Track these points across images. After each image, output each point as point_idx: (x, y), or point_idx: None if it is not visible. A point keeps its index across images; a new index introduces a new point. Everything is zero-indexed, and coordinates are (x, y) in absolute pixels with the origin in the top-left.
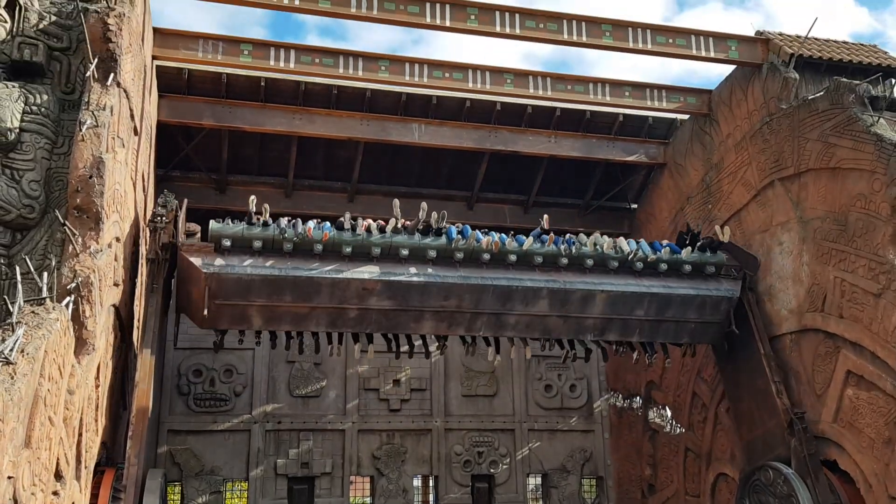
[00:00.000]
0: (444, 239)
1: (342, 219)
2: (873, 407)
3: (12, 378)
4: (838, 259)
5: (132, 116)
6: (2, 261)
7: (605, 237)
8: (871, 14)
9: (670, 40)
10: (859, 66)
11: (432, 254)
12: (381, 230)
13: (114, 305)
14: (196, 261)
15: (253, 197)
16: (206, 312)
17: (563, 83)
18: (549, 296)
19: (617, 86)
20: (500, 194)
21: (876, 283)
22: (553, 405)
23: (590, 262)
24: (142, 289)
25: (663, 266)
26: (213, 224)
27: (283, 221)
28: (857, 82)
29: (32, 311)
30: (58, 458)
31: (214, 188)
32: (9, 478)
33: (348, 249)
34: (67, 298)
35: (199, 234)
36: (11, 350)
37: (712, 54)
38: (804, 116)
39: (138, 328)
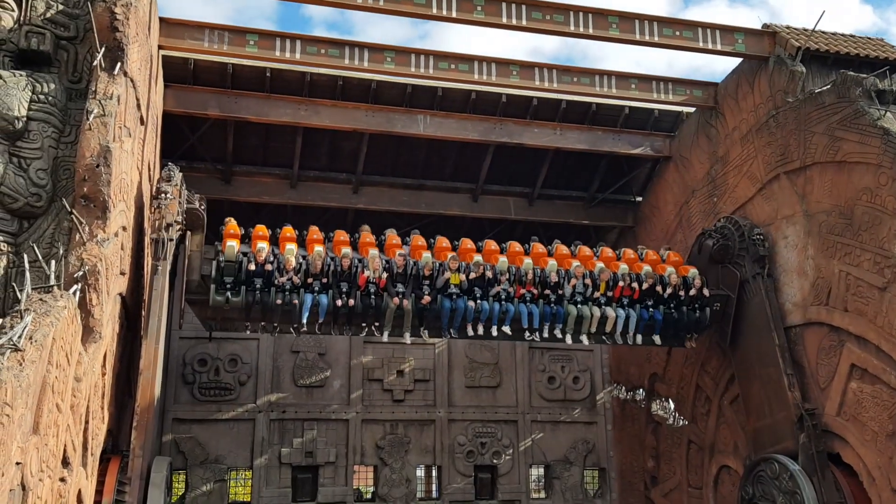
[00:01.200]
0: (435, 311)
1: (343, 263)
2: (877, 400)
3: (21, 365)
4: (843, 253)
5: (138, 106)
6: (9, 249)
7: (596, 311)
8: (875, 11)
9: (677, 33)
10: (866, 60)
11: (408, 339)
12: (375, 306)
13: (120, 294)
14: (198, 313)
15: (262, 246)
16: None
17: (569, 75)
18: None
19: (623, 78)
20: (504, 186)
21: (881, 276)
22: (556, 397)
23: (569, 340)
24: (147, 276)
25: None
26: (213, 295)
27: (284, 279)
28: (864, 76)
29: (40, 299)
30: (65, 445)
31: (220, 178)
32: (17, 463)
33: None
34: (74, 286)
35: (204, 206)
36: (20, 337)
37: (719, 47)
38: (810, 110)
39: (144, 316)
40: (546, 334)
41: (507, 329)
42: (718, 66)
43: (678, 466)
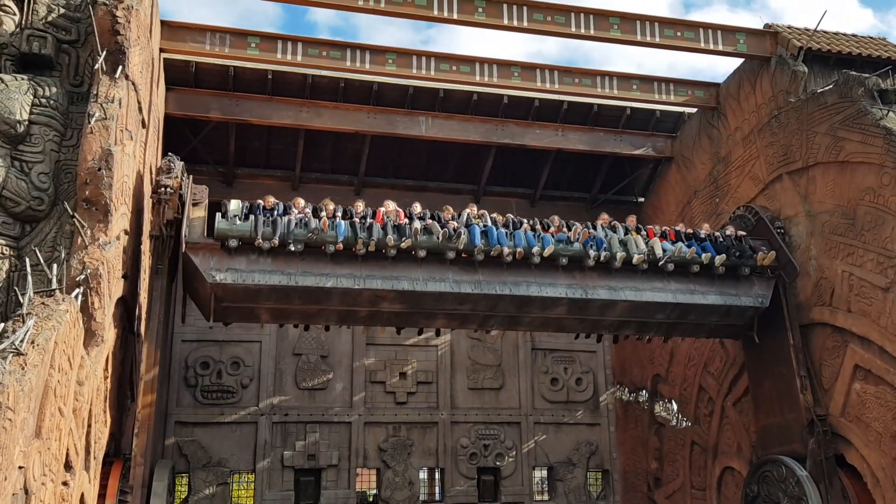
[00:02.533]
0: (465, 238)
1: (356, 207)
2: (881, 401)
3: (23, 369)
4: (846, 253)
5: (140, 109)
6: (12, 252)
7: (639, 237)
8: (875, 15)
9: (678, 33)
10: (868, 60)
11: (451, 255)
12: (398, 228)
13: (122, 297)
14: (201, 264)
15: (269, 196)
16: (212, 313)
17: (571, 76)
18: (568, 304)
19: (624, 79)
20: (506, 188)
21: (884, 277)
22: (559, 398)
23: (617, 264)
24: (147, 276)
25: (696, 268)
26: (219, 223)
27: (295, 214)
28: (867, 75)
29: (42, 303)
30: (67, 449)
31: (222, 181)
32: (20, 467)
33: (362, 251)
34: (77, 290)
35: (206, 202)
36: (22, 341)
37: (720, 47)
38: (813, 110)
39: (144, 319)
40: (593, 257)
41: (550, 248)
42: (720, 70)
43: (681, 468)
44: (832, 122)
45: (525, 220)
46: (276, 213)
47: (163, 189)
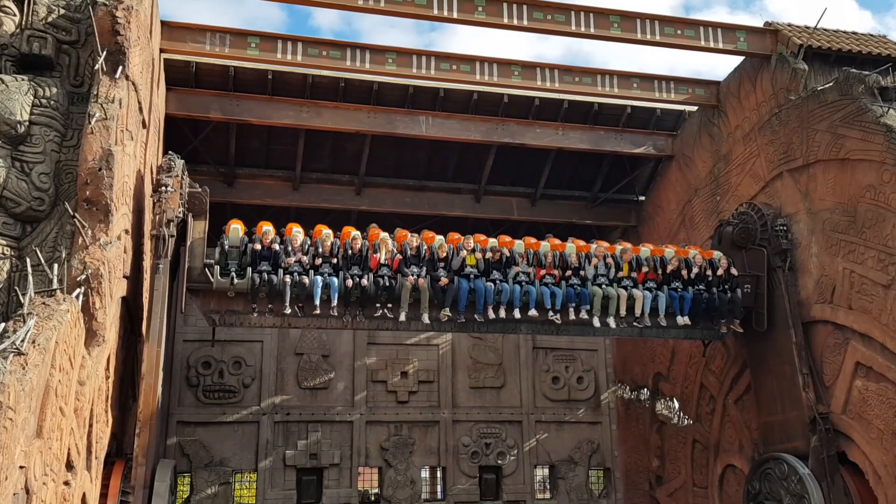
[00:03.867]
0: (452, 294)
1: (354, 245)
2: (882, 398)
3: (24, 368)
4: (847, 250)
5: (140, 109)
6: (13, 253)
7: (622, 292)
8: (874, 17)
9: (679, 31)
10: (868, 57)
11: (437, 318)
12: (388, 289)
13: (123, 297)
14: (201, 306)
15: (267, 229)
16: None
17: (571, 75)
18: (555, 331)
19: (625, 77)
20: (507, 187)
21: (885, 274)
22: (560, 397)
23: (597, 323)
24: (148, 276)
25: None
26: (216, 281)
27: (292, 261)
28: (867, 73)
29: (43, 303)
30: (69, 449)
31: (222, 181)
32: (21, 467)
33: (350, 319)
34: (77, 290)
35: (207, 208)
36: (23, 341)
37: (721, 45)
38: (813, 107)
39: (146, 318)
40: (572, 316)
41: (534, 312)
42: (720, 72)
43: (683, 466)
44: (832, 119)
45: (519, 257)
46: (272, 253)
47: (163, 188)
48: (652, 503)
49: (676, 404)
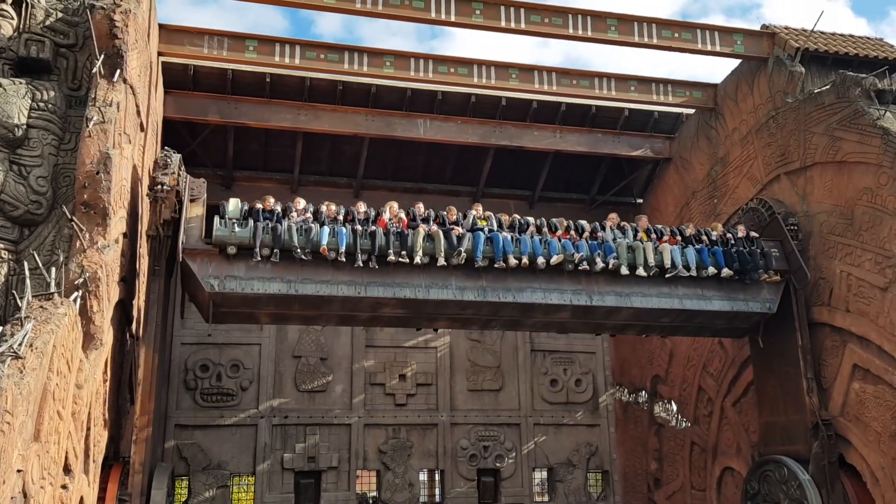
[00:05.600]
0: (468, 243)
1: (357, 209)
2: (880, 401)
3: (21, 372)
4: (844, 253)
5: (138, 112)
6: (10, 256)
7: (649, 244)
8: (869, 24)
9: (676, 34)
10: (865, 60)
11: (455, 261)
12: (400, 235)
13: (120, 300)
14: (199, 271)
15: (268, 196)
16: (210, 317)
17: (569, 78)
18: (572, 309)
19: (622, 80)
20: (505, 189)
21: (882, 277)
22: (558, 399)
23: (625, 271)
24: (145, 279)
25: (704, 273)
26: (217, 229)
27: (295, 218)
28: (864, 76)
29: (41, 306)
30: (66, 452)
31: (220, 184)
32: (18, 471)
33: (361, 261)
34: (75, 293)
35: (204, 197)
36: (20, 344)
37: (718, 48)
38: (810, 110)
39: (143, 321)
40: (601, 263)
41: (556, 258)
42: (718, 74)
43: (681, 468)
44: (829, 122)
45: (532, 221)
46: (275, 215)
47: (159, 186)
48: None
49: (674, 407)
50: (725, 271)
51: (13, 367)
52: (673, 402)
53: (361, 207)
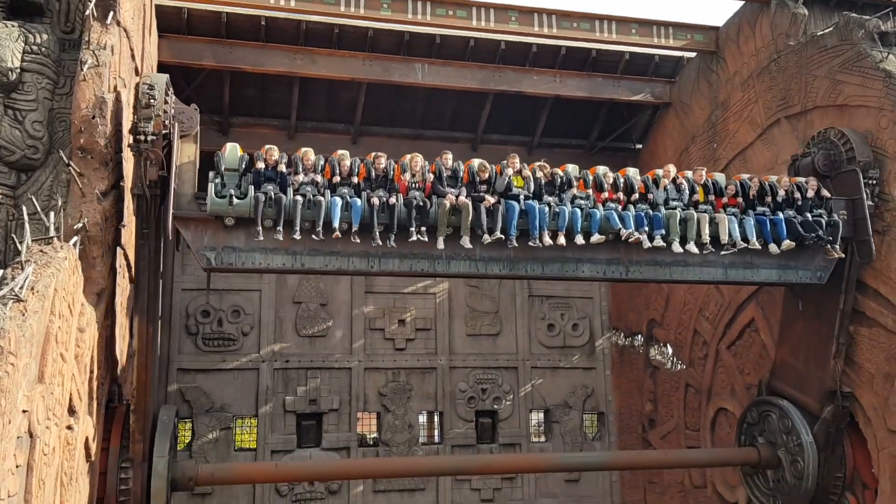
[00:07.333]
0: (500, 219)
1: (378, 164)
2: (874, 342)
3: (23, 315)
4: None
5: (133, 56)
6: (8, 201)
7: (704, 217)
8: None
9: None
10: (869, 2)
11: (490, 238)
12: (420, 209)
13: (120, 244)
14: (193, 242)
15: (271, 147)
16: (208, 284)
17: (569, 20)
18: (602, 279)
19: (623, 23)
20: (504, 135)
21: (880, 220)
22: (555, 344)
23: (677, 248)
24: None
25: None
26: (212, 201)
27: (302, 179)
28: (867, 17)
29: (41, 250)
30: (70, 394)
31: (217, 130)
32: (24, 411)
33: (376, 243)
34: (75, 238)
35: (197, 131)
36: (21, 287)
37: None
38: (812, 53)
39: (132, 291)
40: (647, 242)
41: (597, 237)
42: (720, 16)
43: (676, 409)
44: (831, 65)
45: (574, 180)
46: (279, 176)
47: (142, 136)
48: (645, 445)
49: (670, 350)
50: (787, 244)
51: (15, 310)
52: (668, 346)
53: (382, 162)
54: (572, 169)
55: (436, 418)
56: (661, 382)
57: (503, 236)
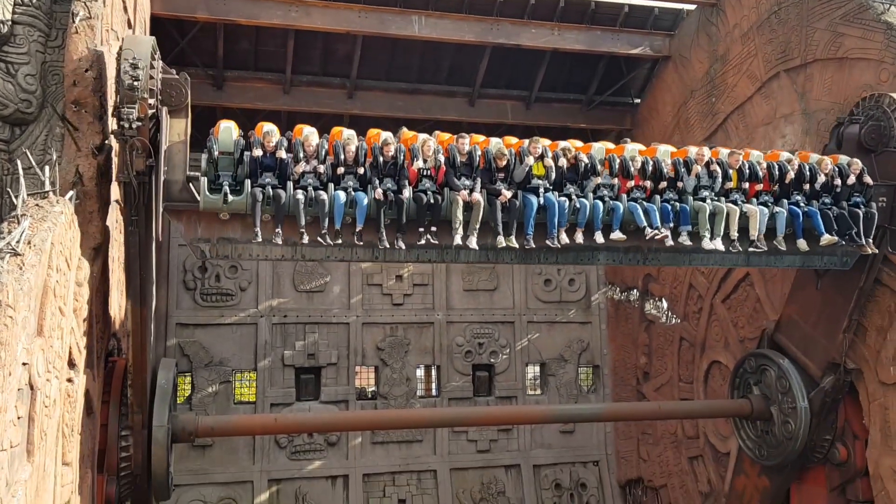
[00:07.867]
0: (517, 215)
1: (386, 152)
2: (872, 299)
3: (21, 269)
4: None
5: (125, 9)
6: (3, 156)
7: (734, 209)
8: None
9: None
10: None
11: (505, 242)
12: (431, 207)
13: (117, 200)
14: (186, 234)
15: (271, 128)
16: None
17: None
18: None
19: None
20: (501, 90)
21: None
22: (552, 298)
23: (708, 245)
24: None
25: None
26: (205, 198)
27: (304, 167)
28: None
29: (37, 205)
30: (70, 348)
31: (211, 84)
32: (23, 364)
33: (383, 245)
34: (71, 192)
35: (188, 92)
36: (18, 241)
37: None
38: (813, 5)
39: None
40: (671, 241)
41: (617, 235)
42: None
43: (670, 362)
44: (832, 17)
45: (599, 166)
46: (279, 164)
47: (126, 123)
48: (639, 397)
49: (665, 304)
50: (827, 238)
51: (13, 264)
52: (664, 300)
53: (391, 150)
54: (597, 150)
55: (433, 372)
56: (656, 336)
57: (517, 246)
